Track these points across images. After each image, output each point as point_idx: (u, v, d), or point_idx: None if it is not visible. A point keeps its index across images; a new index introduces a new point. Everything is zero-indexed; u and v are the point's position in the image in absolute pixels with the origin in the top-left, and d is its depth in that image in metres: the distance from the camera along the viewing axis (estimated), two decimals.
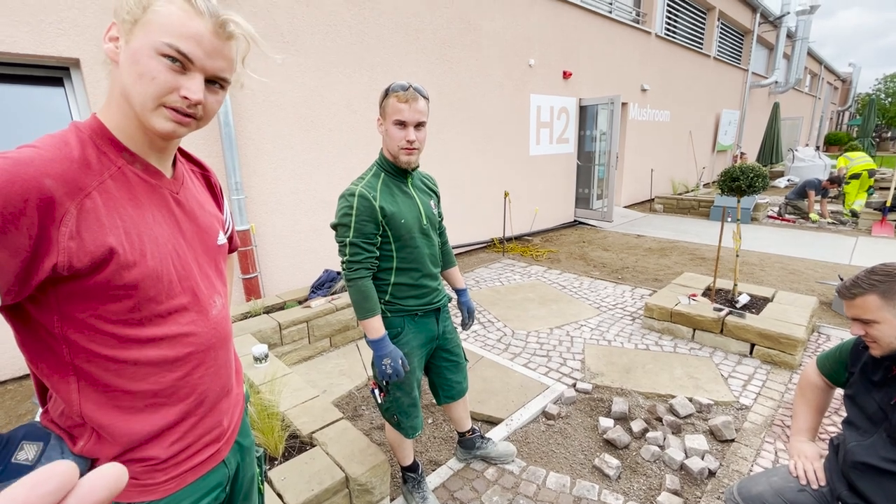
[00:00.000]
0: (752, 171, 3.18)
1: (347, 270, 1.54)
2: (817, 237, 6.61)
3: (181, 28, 0.65)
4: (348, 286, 1.55)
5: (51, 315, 0.65)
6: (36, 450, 0.68)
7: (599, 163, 7.87)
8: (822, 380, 1.51)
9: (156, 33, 0.65)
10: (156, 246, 0.71)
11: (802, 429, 1.52)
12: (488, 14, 5.74)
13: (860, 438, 1.26)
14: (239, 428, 0.94)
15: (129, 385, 0.72)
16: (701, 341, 3.29)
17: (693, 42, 11.35)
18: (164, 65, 0.66)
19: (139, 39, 0.65)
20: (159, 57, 0.65)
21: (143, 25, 0.65)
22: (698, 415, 2.46)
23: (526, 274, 5.14)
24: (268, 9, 3.75)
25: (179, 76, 0.67)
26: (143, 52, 0.65)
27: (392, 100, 1.46)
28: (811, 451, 1.44)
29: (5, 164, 0.57)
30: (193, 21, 0.66)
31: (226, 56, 0.71)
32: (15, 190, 0.56)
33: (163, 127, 0.69)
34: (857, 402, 1.31)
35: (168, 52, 0.65)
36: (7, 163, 0.57)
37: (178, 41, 0.65)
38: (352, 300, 1.55)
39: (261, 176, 3.92)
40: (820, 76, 25.23)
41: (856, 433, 1.28)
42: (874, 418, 1.24)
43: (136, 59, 0.65)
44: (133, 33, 0.65)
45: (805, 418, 1.53)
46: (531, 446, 2.27)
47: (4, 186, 0.56)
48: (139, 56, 0.65)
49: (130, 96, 0.67)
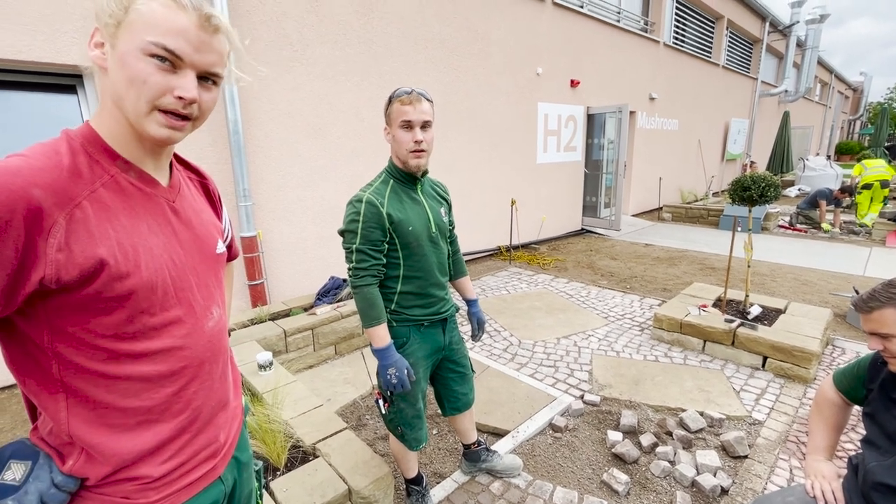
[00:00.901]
0: (764, 180, 3.14)
1: (353, 277, 1.52)
2: (830, 247, 6.50)
3: (165, 24, 0.63)
4: (354, 293, 1.53)
5: (40, 329, 0.63)
6: (24, 469, 0.65)
7: (607, 171, 7.84)
8: (839, 396, 1.45)
9: (140, 33, 0.62)
10: (150, 256, 0.69)
11: (819, 447, 1.45)
12: (496, 23, 5.76)
13: (881, 458, 1.21)
14: (237, 443, 0.92)
15: (121, 402, 0.69)
16: (712, 353, 3.23)
17: (702, 51, 11.33)
18: (153, 65, 0.63)
19: (124, 42, 0.63)
20: (147, 58, 0.63)
21: (126, 27, 0.63)
22: (710, 429, 2.40)
23: (533, 282, 5.10)
24: (278, 18, 3.79)
25: (171, 76, 0.65)
26: (131, 55, 0.63)
27: (396, 104, 1.47)
28: (829, 471, 1.37)
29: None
30: (177, 16, 0.64)
31: (215, 49, 0.68)
32: (1, 200, 0.55)
33: (157, 133, 0.67)
34: (877, 421, 1.26)
35: (155, 52, 0.63)
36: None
37: (164, 38, 0.63)
38: (357, 308, 1.53)
39: (268, 183, 3.94)
40: (830, 85, 25.04)
41: (876, 452, 1.23)
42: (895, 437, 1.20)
43: (124, 63, 0.63)
44: (117, 37, 0.63)
45: (822, 436, 1.46)
46: (538, 459, 2.23)
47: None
48: (127, 59, 0.63)
49: (122, 103, 0.65)
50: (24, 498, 0.63)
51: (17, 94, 2.95)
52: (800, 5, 14.29)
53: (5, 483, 0.63)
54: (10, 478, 0.64)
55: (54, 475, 0.67)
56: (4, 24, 2.67)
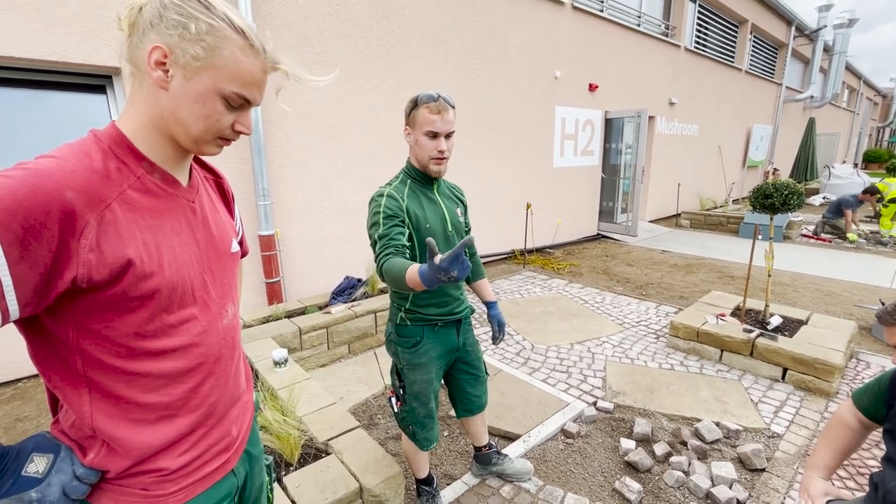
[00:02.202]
0: (787, 188, 3.07)
1: (377, 265, 1.40)
2: (855, 258, 6.31)
3: (245, 76, 0.70)
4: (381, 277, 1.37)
5: (66, 326, 0.65)
6: (46, 462, 0.67)
7: (624, 176, 7.75)
8: (858, 419, 1.37)
9: (222, 80, 0.69)
10: (173, 256, 0.72)
11: (818, 465, 1.40)
12: (515, 27, 5.76)
13: None
14: (248, 437, 0.94)
15: (141, 397, 0.71)
16: (729, 363, 3.16)
17: (724, 55, 11.13)
18: (225, 106, 0.71)
19: (204, 82, 0.68)
20: (222, 99, 0.70)
21: (209, 69, 0.68)
22: (726, 441, 2.35)
23: (547, 287, 5.07)
24: (300, 21, 3.86)
25: (234, 112, 0.73)
26: (209, 95, 0.69)
27: (423, 111, 1.47)
28: (815, 490, 1.33)
29: (26, 176, 0.57)
30: (253, 64, 0.71)
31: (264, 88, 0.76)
32: (37, 202, 0.56)
33: (213, 152, 0.76)
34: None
35: (234, 100, 0.71)
36: (28, 174, 0.57)
37: (244, 90, 0.71)
38: (388, 283, 1.36)
39: (287, 182, 4.01)
40: (859, 91, 24.33)
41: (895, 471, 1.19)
42: None
43: (202, 100, 0.69)
44: (197, 75, 0.68)
45: (823, 455, 1.41)
46: (549, 465, 2.21)
47: (26, 199, 0.55)
48: (205, 98, 0.69)
49: (187, 129, 0.71)
50: (47, 490, 0.65)
51: (52, 94, 3.06)
52: (827, 9, 13.95)
53: (29, 475, 0.65)
54: (33, 470, 0.65)
55: (76, 468, 0.69)
56: (40, 28, 2.78)
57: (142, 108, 0.70)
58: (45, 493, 0.65)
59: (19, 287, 0.56)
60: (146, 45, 0.66)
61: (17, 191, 0.55)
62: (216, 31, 0.67)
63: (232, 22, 0.68)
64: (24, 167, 0.58)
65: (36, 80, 2.99)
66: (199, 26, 0.65)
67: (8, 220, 0.54)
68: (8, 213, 0.54)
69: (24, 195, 0.55)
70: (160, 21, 0.65)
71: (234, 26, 0.68)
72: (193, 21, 0.65)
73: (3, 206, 0.54)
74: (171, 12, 0.65)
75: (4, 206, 0.54)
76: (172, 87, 0.68)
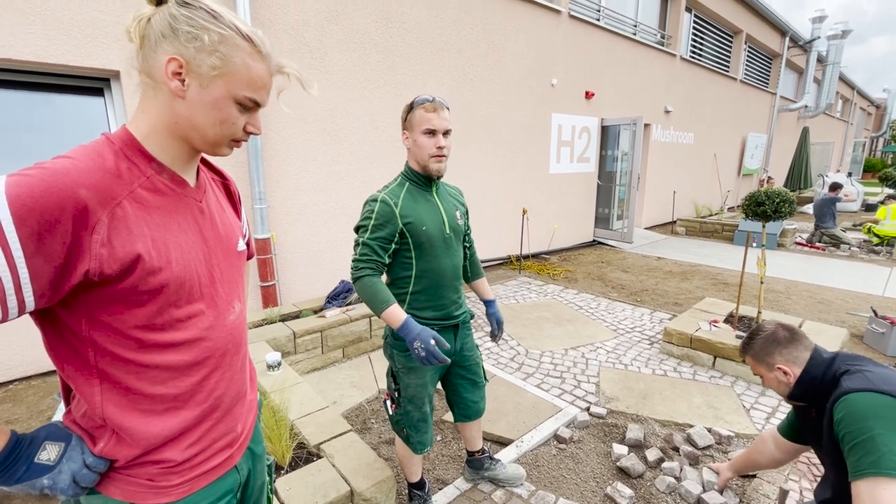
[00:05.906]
0: (779, 196, 3.10)
1: (353, 269, 1.53)
2: (849, 266, 6.36)
3: (255, 81, 0.75)
4: (355, 285, 1.52)
5: (79, 318, 0.68)
6: (58, 450, 0.70)
7: (620, 183, 7.80)
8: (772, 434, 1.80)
9: (236, 86, 0.73)
10: (181, 253, 0.74)
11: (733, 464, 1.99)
12: (512, 35, 5.82)
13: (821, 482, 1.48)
14: (252, 434, 0.96)
15: (150, 388, 0.74)
16: (722, 369, 3.18)
17: (719, 65, 11.26)
18: (238, 109, 0.76)
19: (220, 89, 0.72)
20: (235, 104, 0.75)
21: (222, 77, 0.72)
22: (717, 446, 2.36)
23: (542, 292, 5.09)
24: (299, 27, 3.89)
25: (245, 114, 0.78)
26: (224, 101, 0.74)
27: (419, 111, 1.50)
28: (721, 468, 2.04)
29: (43, 175, 0.60)
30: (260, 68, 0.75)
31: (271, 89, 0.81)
32: (52, 199, 0.59)
33: (226, 154, 0.81)
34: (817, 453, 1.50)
35: (245, 103, 0.75)
36: (45, 173, 0.60)
37: (255, 93, 0.76)
38: (364, 299, 1.51)
39: (284, 186, 4.02)
40: (852, 101, 24.62)
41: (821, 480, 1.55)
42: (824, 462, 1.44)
43: (219, 106, 0.73)
44: (213, 83, 0.72)
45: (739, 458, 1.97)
46: (541, 470, 2.21)
47: (42, 196, 0.58)
48: (221, 104, 0.74)
49: (204, 133, 0.75)
50: (58, 477, 0.69)
51: (51, 97, 3.07)
52: (821, 21, 14.14)
53: (41, 463, 0.68)
54: (45, 458, 0.69)
55: (86, 456, 0.72)
56: (40, 31, 2.79)
57: (154, 115, 0.73)
58: (56, 480, 0.68)
59: (35, 279, 0.60)
60: (160, 57, 0.69)
61: (35, 188, 0.58)
62: (227, 41, 0.70)
63: (240, 30, 0.72)
64: (41, 166, 0.61)
65: (35, 83, 3.00)
66: (211, 37, 0.69)
67: (26, 215, 0.57)
68: (25, 208, 0.57)
69: (41, 192, 0.59)
70: (174, 34, 0.68)
71: (241, 34, 0.72)
72: (206, 32, 0.68)
73: (21, 203, 0.57)
74: (183, 24, 0.68)
75: (22, 202, 0.57)
76: (189, 95, 0.71)
